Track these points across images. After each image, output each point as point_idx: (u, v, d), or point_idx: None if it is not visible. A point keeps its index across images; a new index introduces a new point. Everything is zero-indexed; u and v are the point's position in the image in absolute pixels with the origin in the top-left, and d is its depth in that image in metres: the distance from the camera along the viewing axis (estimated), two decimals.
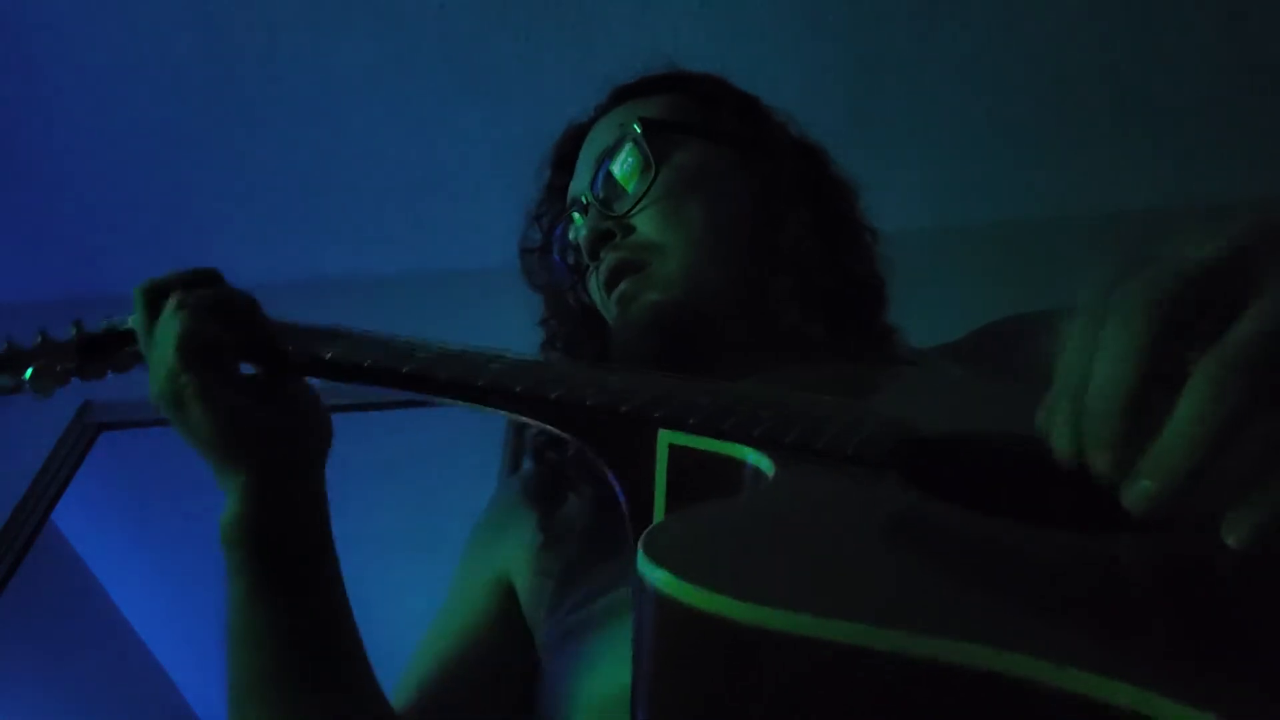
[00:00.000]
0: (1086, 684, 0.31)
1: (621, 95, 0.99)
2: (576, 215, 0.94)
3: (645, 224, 0.88)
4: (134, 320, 0.84)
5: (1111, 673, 0.31)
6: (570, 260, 0.98)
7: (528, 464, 0.95)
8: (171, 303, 0.76)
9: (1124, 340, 0.37)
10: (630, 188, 0.89)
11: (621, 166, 0.90)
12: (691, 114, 0.95)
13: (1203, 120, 2.35)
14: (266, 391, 0.77)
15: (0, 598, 2.19)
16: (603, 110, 1.00)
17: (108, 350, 0.86)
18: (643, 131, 0.89)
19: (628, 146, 0.90)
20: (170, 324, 0.74)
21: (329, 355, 0.72)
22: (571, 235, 0.94)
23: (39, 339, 0.86)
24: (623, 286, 0.87)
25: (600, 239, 0.88)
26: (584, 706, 0.71)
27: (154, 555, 2.70)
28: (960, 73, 2.26)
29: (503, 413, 0.64)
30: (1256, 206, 0.40)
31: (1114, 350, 0.37)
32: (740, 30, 2.13)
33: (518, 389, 0.61)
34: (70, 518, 2.55)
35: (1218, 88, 2.28)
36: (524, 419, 0.63)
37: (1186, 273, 0.38)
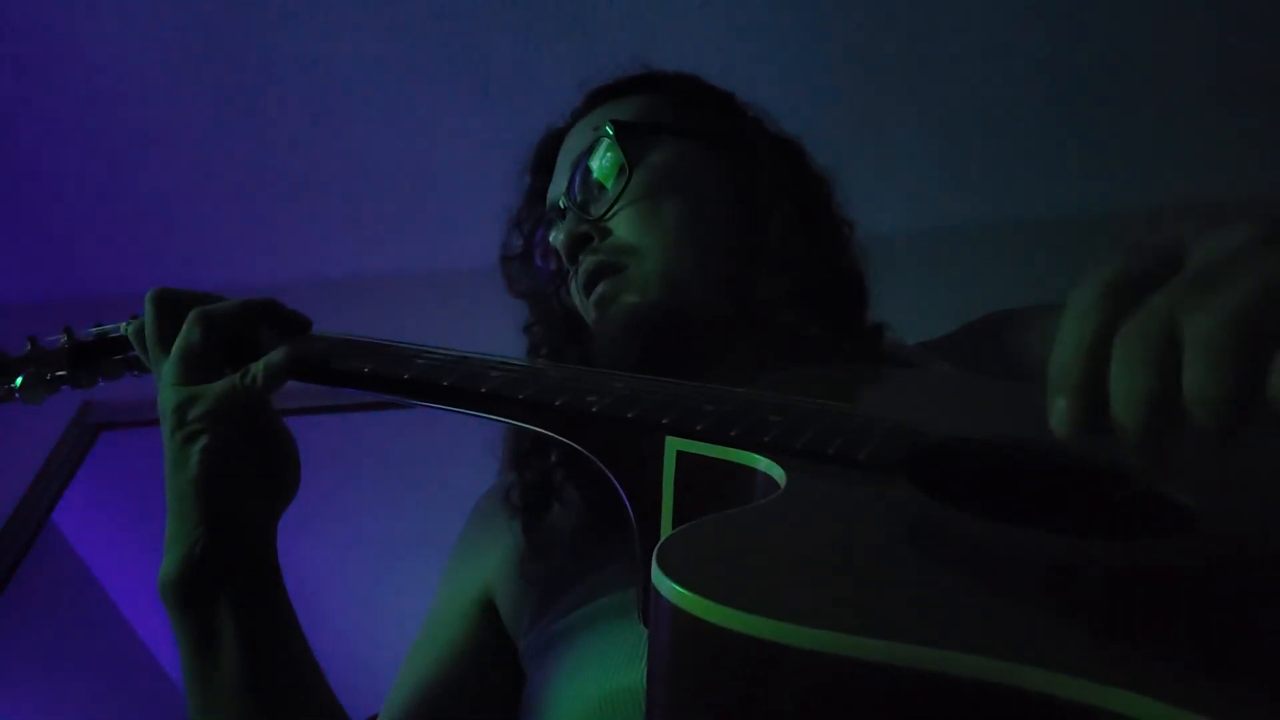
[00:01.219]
0: (1114, 700, 0.31)
1: (597, 98, 0.99)
2: (555, 220, 0.93)
3: (622, 226, 0.87)
4: (126, 328, 0.83)
5: (1143, 688, 0.31)
6: (551, 265, 0.98)
7: (507, 475, 0.95)
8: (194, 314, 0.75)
9: (1082, 309, 0.41)
10: (607, 190, 0.89)
11: (597, 169, 0.90)
12: (666, 113, 0.94)
13: (1203, 120, 2.35)
14: (259, 435, 0.76)
15: (0, 598, 2.19)
16: (579, 114, 0.99)
17: (98, 357, 0.86)
18: (615, 133, 0.88)
19: (602, 149, 0.89)
20: (192, 331, 0.74)
21: (328, 363, 0.72)
22: (551, 239, 0.94)
23: (29, 346, 0.85)
24: (601, 289, 0.87)
25: (578, 242, 0.88)
26: (571, 711, 0.70)
27: (154, 555, 2.69)
28: (960, 73, 2.26)
29: (505, 420, 0.63)
30: (1257, 206, 0.41)
31: (1074, 315, 0.42)
32: (740, 31, 2.13)
33: (521, 396, 0.61)
34: (70, 518, 2.55)
35: (1217, 88, 2.28)
36: (527, 426, 0.62)
37: (1200, 257, 0.40)
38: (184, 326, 0.75)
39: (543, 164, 1.01)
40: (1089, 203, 2.51)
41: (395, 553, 2.71)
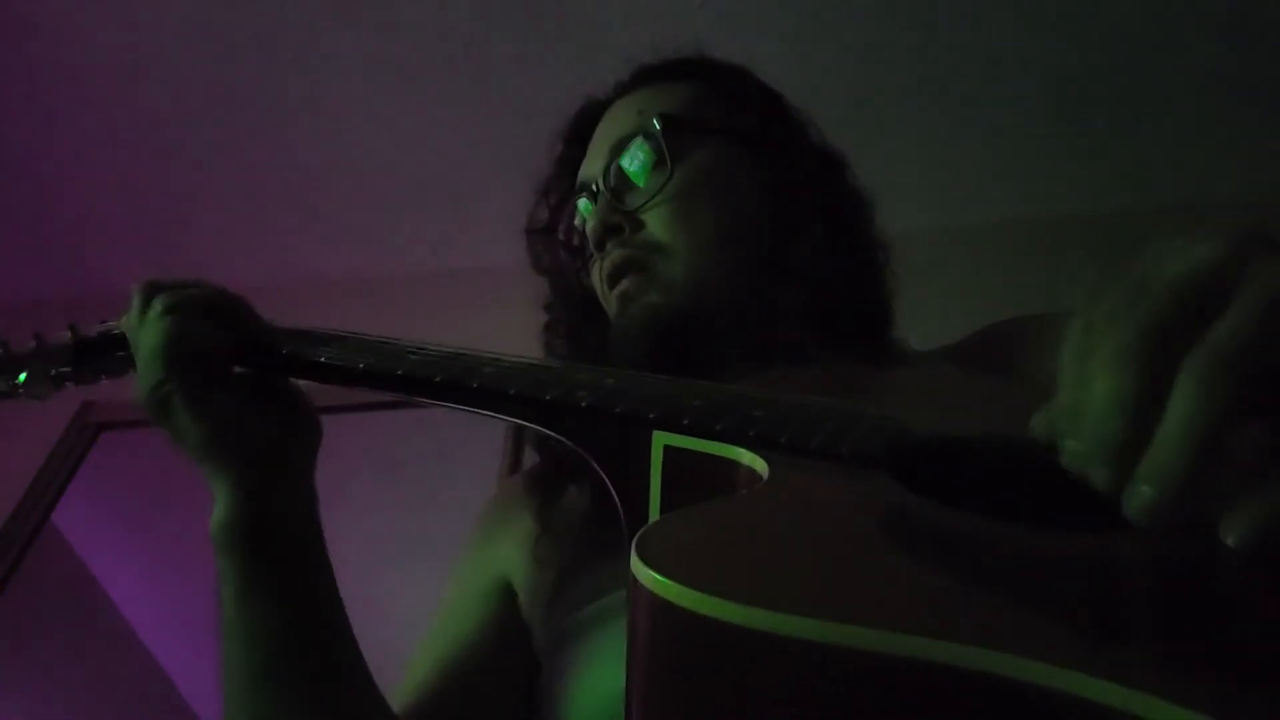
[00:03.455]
0: (1091, 688, 0.31)
1: (643, 77, 0.97)
2: (585, 201, 0.92)
3: (655, 223, 0.86)
4: (124, 322, 0.83)
5: (1115, 677, 0.31)
6: (575, 243, 0.97)
7: (531, 457, 0.95)
8: (158, 304, 0.74)
9: (1117, 348, 0.37)
10: (643, 182, 0.87)
11: (636, 159, 0.88)
12: (713, 109, 0.92)
13: (1202, 120, 2.34)
14: (255, 392, 0.76)
15: (0, 598, 2.19)
16: (623, 90, 0.97)
17: (102, 354, 0.86)
18: (662, 127, 0.87)
19: (644, 139, 0.88)
20: (156, 326, 0.73)
21: (323, 358, 0.72)
22: (578, 222, 0.93)
23: (33, 343, 0.86)
24: (624, 284, 0.86)
25: (608, 232, 0.87)
26: (583, 706, 0.70)
27: (154, 555, 2.70)
28: (961, 72, 2.26)
29: (496, 416, 0.64)
30: (1256, 207, 0.40)
31: (1107, 360, 0.37)
32: (740, 30, 2.13)
33: (511, 391, 0.61)
34: (70, 518, 2.55)
35: (1218, 88, 2.27)
36: (518, 422, 0.63)
37: (1173, 277, 0.38)
38: (155, 319, 0.74)
39: (578, 135, 0.99)
40: (1092, 203, 2.51)
41: (395, 553, 2.70)
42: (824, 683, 0.33)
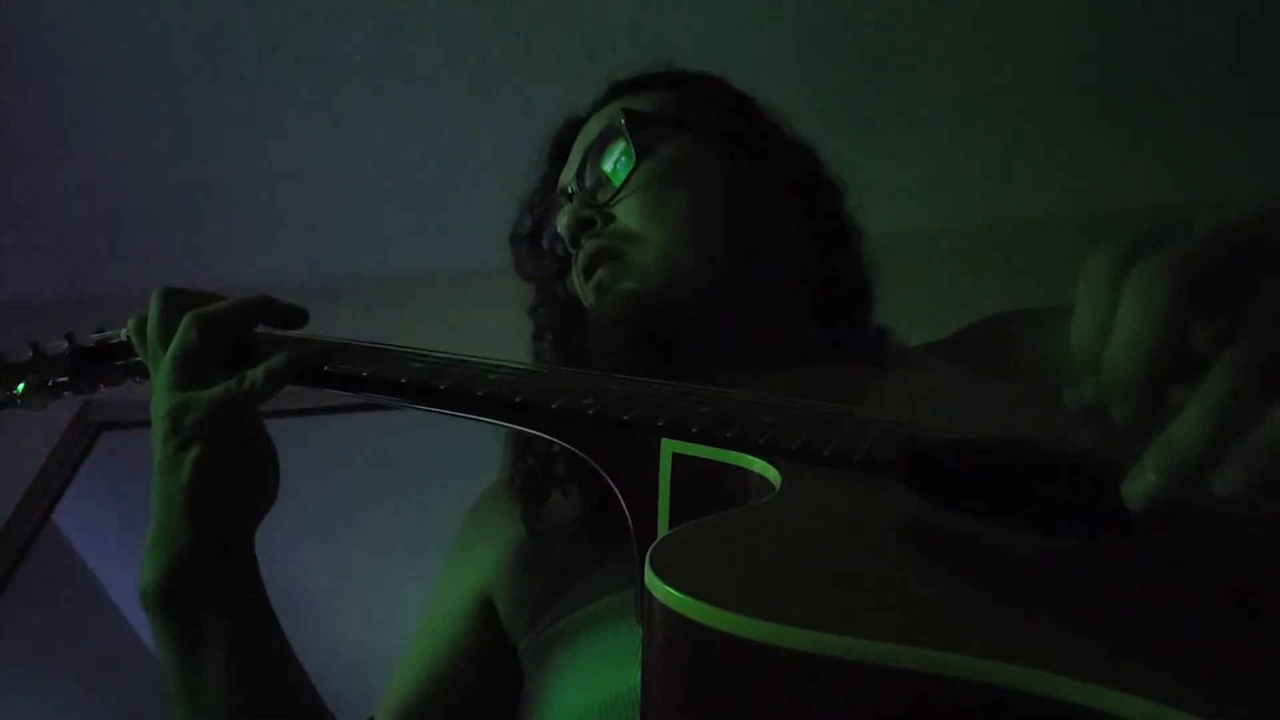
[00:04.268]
0: (1114, 703, 0.31)
1: (617, 91, 1.00)
2: (563, 204, 0.94)
3: (626, 213, 0.88)
4: (128, 331, 0.82)
5: (1137, 690, 0.31)
6: (558, 250, 0.98)
7: (510, 463, 0.94)
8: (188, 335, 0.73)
9: (1150, 303, 0.37)
10: (615, 178, 0.90)
11: (607, 157, 0.91)
12: (683, 109, 0.95)
13: (1202, 120, 2.35)
14: (250, 453, 0.75)
15: (0, 597, 2.19)
16: (599, 104, 1.00)
17: (100, 363, 0.85)
18: (627, 122, 0.90)
19: (613, 137, 0.91)
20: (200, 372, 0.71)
21: (325, 367, 0.72)
22: (556, 223, 0.94)
23: (30, 353, 0.85)
24: (599, 274, 0.88)
25: (581, 226, 0.89)
26: (572, 713, 0.70)
27: None
28: (960, 73, 2.26)
29: (502, 424, 0.63)
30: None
31: (1138, 314, 0.37)
32: (740, 31, 2.13)
33: (517, 399, 0.61)
34: (70, 518, 2.55)
35: (1219, 88, 2.28)
36: (524, 429, 0.62)
37: (1205, 241, 0.38)
38: (179, 329, 0.73)
39: (559, 151, 1.02)
40: (1090, 203, 2.51)
41: (395, 553, 2.71)
42: (844, 698, 0.33)
